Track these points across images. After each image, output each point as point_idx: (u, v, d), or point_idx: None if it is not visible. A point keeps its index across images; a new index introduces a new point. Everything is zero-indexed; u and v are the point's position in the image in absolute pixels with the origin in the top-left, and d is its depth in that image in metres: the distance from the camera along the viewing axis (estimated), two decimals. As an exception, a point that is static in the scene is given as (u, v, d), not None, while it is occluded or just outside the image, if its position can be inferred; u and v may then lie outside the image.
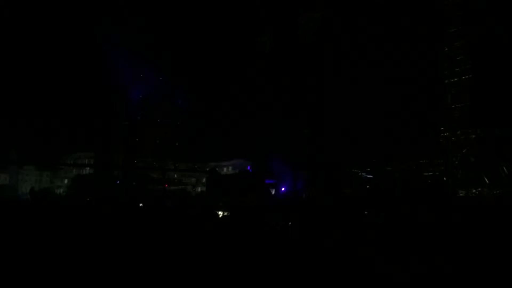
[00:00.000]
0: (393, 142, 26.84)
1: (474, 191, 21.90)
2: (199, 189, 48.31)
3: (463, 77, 24.97)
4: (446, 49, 25.93)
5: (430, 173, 25.87)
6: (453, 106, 25.33)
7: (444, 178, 24.40)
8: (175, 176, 52.43)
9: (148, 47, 40.15)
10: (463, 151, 24.19)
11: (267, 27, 37.02)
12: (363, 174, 29.46)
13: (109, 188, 39.88)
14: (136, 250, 10.03)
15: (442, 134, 25.69)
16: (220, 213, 20.61)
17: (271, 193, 28.03)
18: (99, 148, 47.87)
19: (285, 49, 35.52)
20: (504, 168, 21.51)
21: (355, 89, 29.18)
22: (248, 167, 33.46)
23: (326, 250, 10.13)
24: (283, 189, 28.88)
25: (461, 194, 22.03)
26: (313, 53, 33.32)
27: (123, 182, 42.53)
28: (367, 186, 27.60)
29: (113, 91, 42.72)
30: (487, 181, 21.89)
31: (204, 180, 49.02)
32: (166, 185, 44.14)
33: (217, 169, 54.35)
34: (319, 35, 33.54)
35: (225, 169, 53.27)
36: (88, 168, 56.84)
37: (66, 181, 58.12)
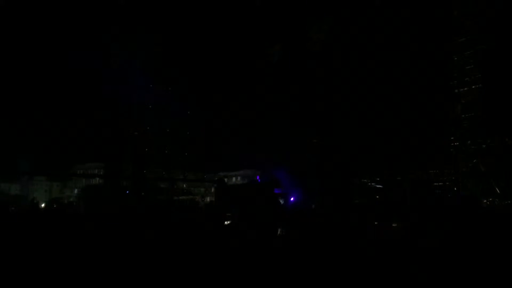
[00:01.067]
0: (403, 152, 26.71)
1: (485, 201, 21.69)
2: (208, 199, 48.32)
3: (473, 87, 24.88)
4: (456, 58, 25.87)
5: (440, 183, 25.71)
6: (463, 115, 25.22)
7: (455, 188, 24.23)
8: (184, 186, 52.57)
9: (158, 57, 40.46)
10: (474, 161, 24.02)
11: (275, 38, 37.19)
12: (372, 184, 29.33)
13: (118, 198, 40.00)
14: (145, 259, 10.03)
15: (452, 144, 25.56)
16: (229, 222, 20.53)
17: (280, 203, 27.89)
18: (109, 159, 48.11)
19: (294, 59, 35.62)
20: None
21: (364, 99, 29.16)
22: (257, 177, 33.34)
23: (335, 260, 10.06)
24: (292, 199, 28.74)
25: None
26: (322, 63, 33.37)
27: (133, 192, 42.63)
28: (377, 196, 27.45)
29: (123, 101, 43.01)
30: (498, 191, 21.69)
31: (212, 190, 49.01)
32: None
33: (226, 179, 54.37)
34: (328, 45, 33.62)
35: (234, 179, 53.35)
36: (97, 179, 57.14)
37: (76, 191, 58.46)
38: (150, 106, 45.48)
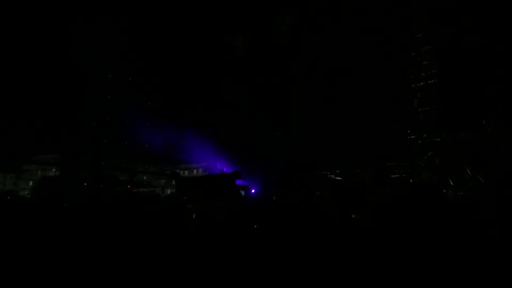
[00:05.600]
0: (362, 144, 27.25)
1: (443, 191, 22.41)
2: (168, 191, 47.77)
3: (429, 82, 25.61)
4: (413, 54, 26.54)
5: (397, 175, 26.41)
6: (419, 109, 25.95)
7: (410, 180, 24.92)
8: (144, 178, 51.82)
9: (118, 47, 39.62)
10: (429, 154, 24.78)
11: (239, 29, 37.09)
12: (332, 176, 29.79)
13: (75, 190, 39.05)
14: (105, 252, 9.86)
15: (408, 137, 26.26)
16: (190, 215, 20.45)
17: (241, 195, 27.96)
18: (66, 150, 46.86)
19: (257, 52, 35.64)
20: (468, 171, 22.10)
21: (325, 92, 29.54)
22: (224, 169, 33.23)
23: (295, 252, 10.19)
24: (253, 191, 28.86)
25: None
26: (285, 56, 33.56)
27: (90, 184, 41.74)
28: (336, 188, 27.90)
29: (81, 91, 41.93)
30: (451, 183, 22.45)
31: (173, 182, 48.49)
32: (129, 186, 43.66)
33: (187, 171, 54.00)
34: (291, 38, 33.82)
35: (195, 171, 53.00)
36: (54, 170, 55.53)
37: (31, 183, 56.58)
38: (110, 97, 44.50)
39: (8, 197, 36.18)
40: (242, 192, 28.27)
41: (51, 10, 36.97)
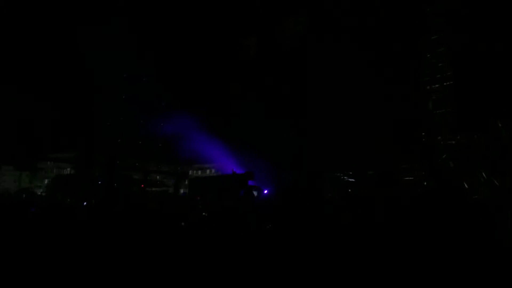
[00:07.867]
0: (375, 146, 27.07)
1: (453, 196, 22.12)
2: (181, 191, 47.98)
3: (445, 84, 25.38)
4: (428, 55, 26.32)
5: (411, 178, 26.17)
6: (435, 112, 25.72)
7: (425, 183, 24.70)
8: (157, 177, 52.15)
9: (132, 47, 39.94)
10: (443, 156, 24.53)
11: (252, 31, 37.19)
12: (345, 177, 29.65)
13: (90, 189, 39.42)
14: (118, 252, 9.95)
15: (423, 140, 26.03)
16: (204, 214, 20.53)
17: (254, 195, 27.99)
18: (81, 149, 47.31)
19: (270, 53, 35.68)
20: (483, 174, 21.82)
21: (338, 94, 29.40)
22: (234, 169, 33.28)
23: (306, 252, 10.17)
24: (265, 191, 28.86)
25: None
26: (297, 57, 33.53)
27: (105, 183, 42.09)
28: (349, 190, 27.77)
29: (96, 90, 42.37)
30: (466, 186, 22.19)
31: (186, 182, 48.70)
32: (142, 185, 44.02)
33: (200, 171, 54.19)
34: (302, 39, 33.78)
35: (208, 171, 53.12)
36: (69, 169, 56.07)
37: (46, 181, 57.19)
38: (124, 96, 44.89)
39: (24, 195, 36.64)
40: (255, 193, 28.30)
41: (72, 16, 37.60)
